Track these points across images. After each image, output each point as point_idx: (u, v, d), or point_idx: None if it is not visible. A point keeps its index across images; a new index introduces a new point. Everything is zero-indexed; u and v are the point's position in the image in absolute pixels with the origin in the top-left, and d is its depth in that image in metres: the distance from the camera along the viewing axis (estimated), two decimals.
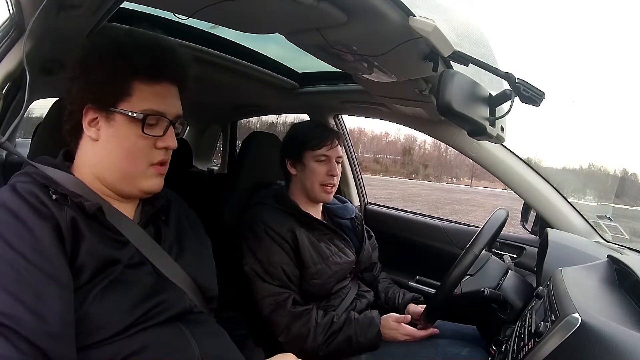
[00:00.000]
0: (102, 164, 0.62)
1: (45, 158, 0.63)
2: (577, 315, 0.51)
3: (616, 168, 40.07)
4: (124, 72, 0.60)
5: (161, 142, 0.63)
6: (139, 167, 0.63)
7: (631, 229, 2.52)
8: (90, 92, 0.60)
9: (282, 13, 0.70)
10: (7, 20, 0.81)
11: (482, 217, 9.16)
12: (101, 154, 0.62)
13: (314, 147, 1.10)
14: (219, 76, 1.37)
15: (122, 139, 0.61)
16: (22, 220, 0.52)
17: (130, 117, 0.60)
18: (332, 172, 1.10)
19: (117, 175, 0.63)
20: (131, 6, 0.87)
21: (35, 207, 0.54)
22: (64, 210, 0.55)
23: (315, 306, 1.03)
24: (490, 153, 1.18)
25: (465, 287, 0.88)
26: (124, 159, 0.62)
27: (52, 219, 0.54)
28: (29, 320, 0.47)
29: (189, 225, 0.75)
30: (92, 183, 0.63)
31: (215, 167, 2.45)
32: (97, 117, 0.61)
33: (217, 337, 0.67)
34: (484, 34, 0.83)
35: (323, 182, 1.10)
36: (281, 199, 1.10)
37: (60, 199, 0.57)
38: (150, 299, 0.59)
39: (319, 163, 1.10)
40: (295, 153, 1.12)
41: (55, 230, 0.54)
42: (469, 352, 0.94)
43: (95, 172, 0.63)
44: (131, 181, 0.63)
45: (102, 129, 0.61)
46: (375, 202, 1.82)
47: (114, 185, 0.63)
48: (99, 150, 0.62)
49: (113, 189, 0.64)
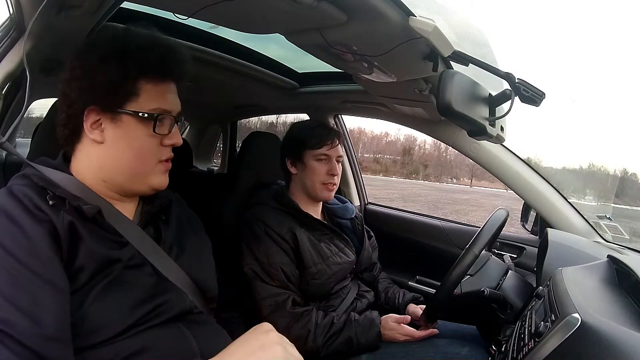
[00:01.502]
0: (111, 166, 0.61)
1: (45, 159, 0.63)
2: (577, 315, 0.51)
3: (616, 168, 40.11)
4: (133, 72, 0.59)
5: (168, 139, 0.63)
6: (150, 165, 0.63)
7: (631, 229, 2.52)
8: (94, 93, 0.59)
9: (282, 13, 0.70)
10: (7, 20, 0.81)
11: (482, 217, 9.16)
12: (109, 156, 0.61)
13: (314, 147, 1.10)
14: (219, 76, 1.37)
15: (132, 139, 0.61)
16: (17, 224, 0.52)
17: (139, 117, 0.60)
18: (332, 171, 1.10)
19: (128, 176, 0.62)
20: (131, 6, 0.87)
21: (30, 211, 0.53)
22: (61, 215, 0.55)
23: (315, 307, 1.03)
24: (490, 153, 1.18)
25: (465, 287, 0.88)
26: (135, 159, 0.62)
27: (48, 222, 0.53)
28: (25, 324, 0.47)
29: (189, 226, 0.75)
30: (94, 185, 0.62)
31: (215, 167, 2.45)
32: (100, 119, 0.60)
33: (218, 337, 0.67)
34: (484, 34, 0.83)
35: (324, 182, 1.10)
36: (281, 199, 1.10)
37: (58, 203, 0.56)
38: (151, 300, 0.59)
39: (320, 162, 1.10)
40: (296, 152, 1.12)
41: (51, 234, 0.53)
42: (469, 352, 0.94)
43: (102, 175, 0.62)
44: (141, 179, 0.63)
45: (107, 131, 0.60)
46: (375, 202, 1.82)
47: (122, 185, 0.63)
48: (105, 152, 0.61)
49: (120, 190, 0.63)
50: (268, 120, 12.25)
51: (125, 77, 0.59)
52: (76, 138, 0.63)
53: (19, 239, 0.51)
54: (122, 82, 0.59)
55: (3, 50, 0.75)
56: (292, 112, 1.93)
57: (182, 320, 0.62)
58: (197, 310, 0.66)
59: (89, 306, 0.53)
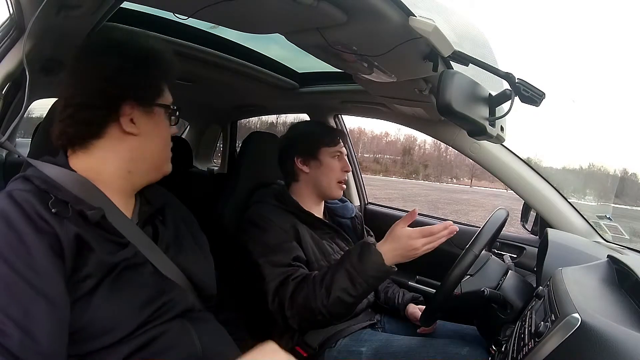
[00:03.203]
0: (143, 155, 0.66)
1: (46, 159, 0.63)
2: (577, 315, 0.51)
3: (616, 168, 40.11)
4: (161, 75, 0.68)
5: (172, 130, 0.71)
6: (168, 153, 0.71)
7: (631, 229, 2.52)
8: (133, 89, 0.63)
9: (282, 13, 0.70)
10: (7, 20, 0.81)
11: (482, 217, 9.17)
12: (142, 146, 0.65)
13: (329, 144, 1.11)
14: (219, 76, 1.36)
15: (162, 130, 0.68)
16: (16, 231, 0.51)
17: (167, 109, 0.68)
18: (346, 167, 1.13)
19: (154, 164, 0.68)
20: (131, 6, 0.87)
21: (32, 220, 0.52)
22: (64, 224, 0.54)
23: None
24: (490, 153, 1.18)
25: (465, 287, 0.88)
26: (163, 148, 0.69)
27: (51, 234, 0.52)
28: (16, 335, 0.46)
29: (185, 225, 0.76)
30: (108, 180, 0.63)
31: (215, 167, 2.45)
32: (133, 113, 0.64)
33: (218, 334, 0.69)
34: (484, 34, 0.83)
35: (339, 179, 1.11)
36: (282, 197, 1.10)
37: (60, 210, 0.55)
38: (157, 299, 0.60)
39: (335, 159, 1.12)
40: (310, 150, 1.11)
41: (53, 246, 0.52)
42: (469, 352, 0.94)
43: (131, 166, 0.65)
44: (160, 167, 0.70)
45: (140, 124, 0.64)
46: (375, 202, 1.82)
47: (143, 175, 0.67)
48: (139, 143, 0.65)
49: (139, 179, 0.67)
50: (268, 120, 12.27)
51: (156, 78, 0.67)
52: (98, 133, 0.63)
53: (17, 247, 0.50)
54: (155, 83, 0.67)
55: (3, 50, 0.74)
56: (292, 112, 1.93)
57: (184, 316, 0.64)
58: (199, 308, 0.68)
59: (98, 309, 0.54)
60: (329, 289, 0.88)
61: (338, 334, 1.05)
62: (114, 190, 0.63)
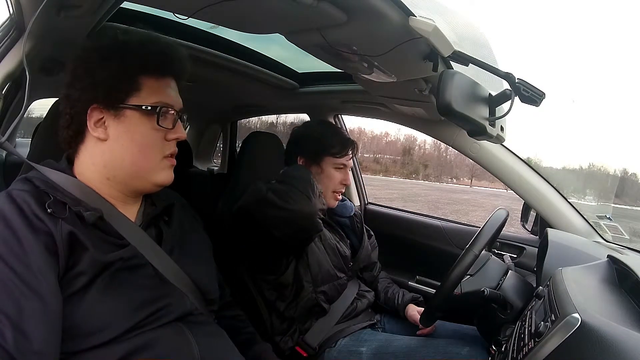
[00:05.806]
0: (115, 162, 0.61)
1: (49, 162, 0.63)
2: (577, 315, 0.51)
3: (616, 168, 40.10)
4: (133, 69, 0.60)
5: (172, 134, 0.64)
6: (154, 160, 0.63)
7: (631, 229, 2.51)
8: (96, 91, 0.60)
9: (282, 13, 0.70)
10: (7, 20, 0.81)
11: (482, 217, 9.16)
12: (112, 152, 0.61)
13: (336, 154, 1.09)
14: (219, 76, 1.36)
15: (134, 134, 0.61)
16: (12, 230, 0.51)
17: (142, 111, 0.60)
18: (345, 181, 1.11)
19: (132, 171, 0.62)
20: (131, 6, 0.87)
21: (28, 218, 0.53)
22: (59, 224, 0.54)
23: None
24: (490, 153, 1.18)
25: (465, 287, 0.88)
26: (139, 154, 0.62)
27: (46, 233, 0.53)
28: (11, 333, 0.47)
29: (190, 227, 0.75)
30: (99, 186, 0.62)
31: (215, 167, 2.45)
32: (103, 117, 0.61)
33: (217, 338, 0.67)
34: (484, 34, 0.83)
35: (335, 190, 1.10)
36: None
37: (57, 211, 0.55)
38: (152, 303, 0.59)
39: (337, 170, 1.10)
40: (314, 154, 1.10)
41: (48, 245, 0.52)
42: (469, 352, 0.94)
43: (106, 173, 0.62)
44: (145, 175, 0.63)
45: (110, 128, 0.61)
46: (375, 202, 1.82)
47: (126, 183, 0.63)
48: (109, 149, 0.61)
49: (123, 188, 0.63)
50: (268, 120, 12.25)
51: (126, 73, 0.60)
52: (79, 139, 0.63)
53: (12, 244, 0.50)
54: (123, 78, 0.60)
55: (3, 50, 0.75)
56: (292, 112, 1.93)
57: (182, 321, 0.62)
58: (198, 312, 0.66)
59: (90, 307, 0.53)
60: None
61: (338, 334, 1.05)
62: (107, 196, 0.63)
